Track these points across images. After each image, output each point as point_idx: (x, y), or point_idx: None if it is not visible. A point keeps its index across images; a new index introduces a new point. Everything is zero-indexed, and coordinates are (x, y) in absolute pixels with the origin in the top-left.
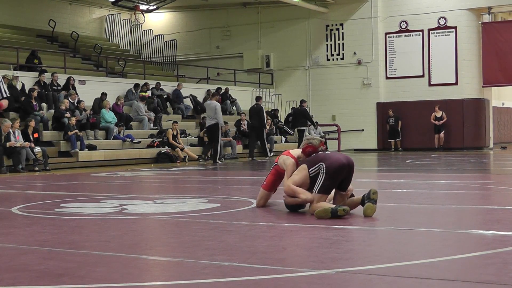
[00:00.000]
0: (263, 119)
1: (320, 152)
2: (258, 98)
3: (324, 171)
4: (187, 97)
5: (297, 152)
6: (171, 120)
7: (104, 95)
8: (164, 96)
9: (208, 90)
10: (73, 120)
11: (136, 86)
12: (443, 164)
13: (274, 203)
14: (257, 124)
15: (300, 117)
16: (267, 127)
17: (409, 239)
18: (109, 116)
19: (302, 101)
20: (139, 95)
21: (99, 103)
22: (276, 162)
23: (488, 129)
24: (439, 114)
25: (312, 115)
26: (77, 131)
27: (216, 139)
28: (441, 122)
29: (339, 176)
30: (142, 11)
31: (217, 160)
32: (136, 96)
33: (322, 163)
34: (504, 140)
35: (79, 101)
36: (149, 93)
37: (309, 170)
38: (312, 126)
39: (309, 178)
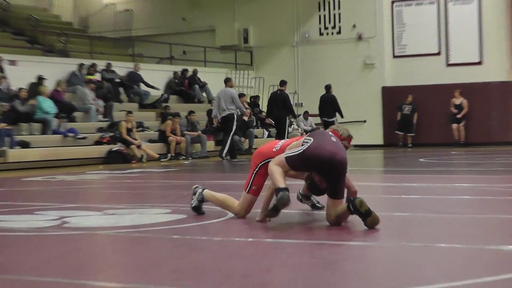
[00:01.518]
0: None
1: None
2: (283, 83)
3: (305, 147)
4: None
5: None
6: (125, 110)
7: (41, 79)
8: (117, 80)
9: (175, 73)
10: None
11: (81, 67)
12: (465, 164)
13: (254, 213)
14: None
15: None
16: (246, 117)
17: (424, 257)
18: (47, 105)
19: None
20: (85, 78)
21: (35, 89)
22: (263, 161)
23: None
24: (458, 101)
25: (301, 103)
26: (4, 124)
27: (229, 132)
28: (461, 113)
29: (311, 165)
30: None
31: (224, 156)
32: (81, 80)
33: (312, 138)
34: None
35: (20, 89)
36: (97, 76)
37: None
38: (301, 116)
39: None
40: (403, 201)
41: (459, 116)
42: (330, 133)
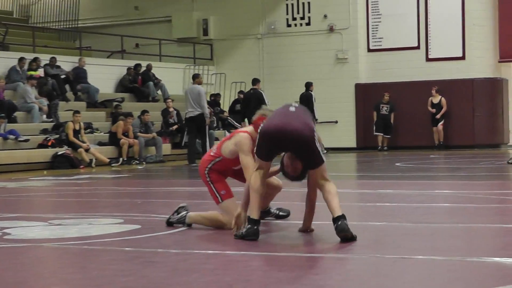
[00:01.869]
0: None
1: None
2: (256, 81)
3: (259, 130)
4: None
5: (248, 129)
6: (71, 110)
7: None
8: (62, 76)
9: (129, 69)
10: None
11: (22, 61)
12: (446, 168)
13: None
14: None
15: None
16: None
17: (400, 270)
18: None
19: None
20: (27, 74)
21: None
22: (220, 156)
23: (507, 119)
24: (437, 99)
25: (267, 102)
26: None
27: (204, 134)
28: (440, 112)
29: (271, 144)
30: None
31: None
32: (22, 76)
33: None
34: None
35: None
36: (40, 71)
37: None
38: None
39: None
40: (378, 210)
41: (437, 116)
42: (292, 105)
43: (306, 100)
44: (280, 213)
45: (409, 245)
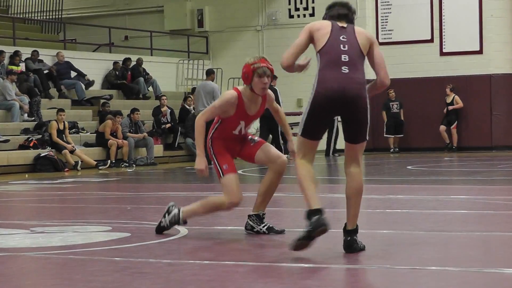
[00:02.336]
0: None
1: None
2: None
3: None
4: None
5: (240, 87)
6: (55, 108)
7: None
8: (45, 71)
9: (116, 63)
10: None
11: (2, 55)
12: (462, 172)
13: (213, 230)
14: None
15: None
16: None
17: (412, 282)
18: None
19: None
20: (7, 69)
21: None
22: (219, 120)
23: None
24: (450, 98)
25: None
26: None
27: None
28: (454, 107)
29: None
30: None
31: None
32: (1, 71)
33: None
34: None
35: None
36: (21, 66)
37: None
38: None
39: None
40: (388, 216)
41: (449, 108)
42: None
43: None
44: (275, 228)
45: (421, 255)
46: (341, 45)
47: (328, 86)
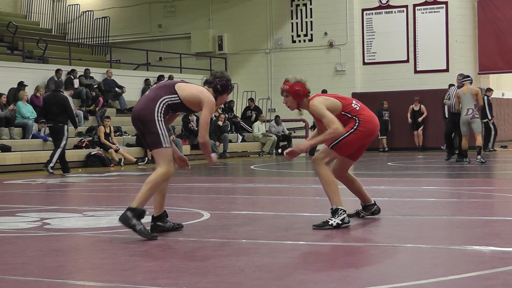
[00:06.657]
0: None
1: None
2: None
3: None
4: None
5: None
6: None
7: (21, 85)
8: (95, 86)
9: (147, 80)
10: None
11: (58, 73)
12: (432, 167)
13: (230, 214)
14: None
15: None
16: (221, 122)
17: (391, 257)
18: (27, 110)
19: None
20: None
21: (15, 94)
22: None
23: None
24: (417, 107)
25: (274, 109)
26: None
27: None
28: (422, 117)
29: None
30: None
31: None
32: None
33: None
34: (505, 138)
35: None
36: (76, 82)
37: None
38: (273, 121)
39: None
40: None
41: (419, 119)
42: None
43: None
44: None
45: (398, 234)
46: None
47: None
